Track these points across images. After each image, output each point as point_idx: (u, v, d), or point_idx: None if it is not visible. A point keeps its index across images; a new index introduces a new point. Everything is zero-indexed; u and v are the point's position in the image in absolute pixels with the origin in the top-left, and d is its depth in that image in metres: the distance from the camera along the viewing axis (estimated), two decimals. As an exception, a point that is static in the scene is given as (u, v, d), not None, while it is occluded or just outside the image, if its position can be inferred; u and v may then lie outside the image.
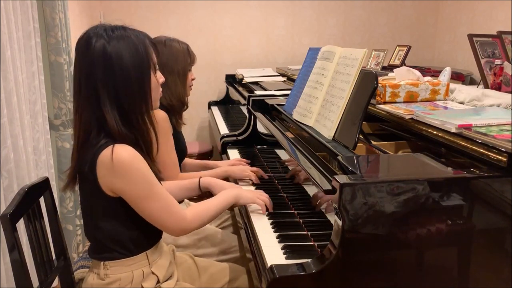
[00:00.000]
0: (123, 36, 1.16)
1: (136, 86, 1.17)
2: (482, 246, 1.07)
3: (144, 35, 1.22)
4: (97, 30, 1.16)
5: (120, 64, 1.14)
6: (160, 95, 1.30)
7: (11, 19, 1.99)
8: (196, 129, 3.95)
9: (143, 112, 1.20)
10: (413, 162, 1.16)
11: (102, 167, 1.14)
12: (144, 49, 1.18)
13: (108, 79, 1.14)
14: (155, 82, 1.24)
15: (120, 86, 1.15)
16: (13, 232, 1.21)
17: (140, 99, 1.19)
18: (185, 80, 1.84)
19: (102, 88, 1.14)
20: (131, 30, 1.20)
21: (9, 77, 1.93)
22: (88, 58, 1.14)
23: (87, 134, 1.18)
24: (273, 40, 3.87)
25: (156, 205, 1.19)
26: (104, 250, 1.25)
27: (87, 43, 1.14)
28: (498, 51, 1.84)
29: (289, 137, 1.69)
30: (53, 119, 2.45)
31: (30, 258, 1.49)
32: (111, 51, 1.13)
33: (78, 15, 3.14)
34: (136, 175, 1.15)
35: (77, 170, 1.21)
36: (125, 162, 1.13)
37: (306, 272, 1.02)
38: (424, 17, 3.96)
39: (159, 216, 1.21)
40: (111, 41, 1.14)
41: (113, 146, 1.13)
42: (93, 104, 1.16)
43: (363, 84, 1.38)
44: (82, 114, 1.17)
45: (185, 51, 1.82)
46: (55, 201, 1.54)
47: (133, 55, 1.15)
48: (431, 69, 3.10)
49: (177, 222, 1.24)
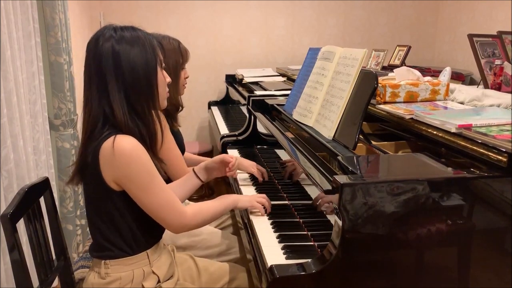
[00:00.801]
0: (132, 34, 1.22)
1: (144, 81, 1.22)
2: (482, 246, 1.07)
3: (151, 35, 1.28)
4: (106, 30, 1.21)
5: (128, 61, 1.19)
6: (167, 95, 1.33)
7: (11, 19, 1.99)
8: (196, 129, 3.95)
9: (150, 106, 1.25)
10: (413, 162, 1.16)
11: (104, 156, 1.16)
12: (151, 46, 1.24)
13: (117, 75, 1.19)
14: (162, 79, 1.28)
15: (128, 82, 1.20)
16: (13, 232, 1.22)
17: (147, 94, 1.23)
18: (177, 81, 1.77)
19: (111, 83, 1.19)
20: (140, 30, 1.25)
21: (9, 77, 1.93)
22: (97, 56, 1.19)
23: (93, 127, 1.21)
24: (273, 40, 3.87)
25: (157, 198, 1.20)
26: (105, 249, 1.26)
27: (97, 41, 1.20)
28: (498, 51, 1.84)
29: (289, 137, 1.69)
30: (53, 119, 2.45)
31: (30, 258, 1.49)
32: (119, 49, 1.19)
33: (78, 15, 3.14)
34: (137, 165, 1.17)
35: (82, 163, 1.23)
36: (126, 151, 1.15)
37: (306, 272, 1.02)
38: (424, 17, 3.96)
39: (160, 210, 1.22)
40: (120, 38, 1.20)
41: (115, 136, 1.16)
42: (102, 97, 1.20)
43: (363, 84, 1.38)
44: (91, 106, 1.21)
45: (176, 50, 1.76)
46: (55, 201, 1.54)
47: (141, 52, 1.21)
48: (431, 69, 3.10)
49: (178, 217, 1.25)
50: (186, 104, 3.67)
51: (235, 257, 1.70)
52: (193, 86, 3.82)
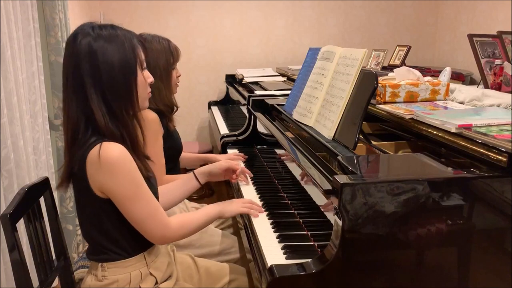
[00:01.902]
0: (110, 33, 1.17)
1: (122, 82, 1.17)
2: (482, 246, 1.07)
3: (132, 34, 1.22)
4: (85, 28, 1.17)
5: (105, 60, 1.14)
6: (149, 95, 1.28)
7: (11, 19, 1.99)
8: (196, 129, 3.95)
9: (128, 108, 1.19)
10: (413, 162, 1.16)
11: (91, 166, 1.13)
12: (130, 46, 1.18)
13: (94, 74, 1.14)
14: (142, 80, 1.22)
15: (105, 82, 1.15)
16: (13, 232, 1.21)
17: (126, 95, 1.18)
18: (169, 81, 1.75)
19: (88, 83, 1.14)
20: (119, 29, 1.20)
21: (9, 77, 1.93)
22: (74, 53, 1.15)
23: (75, 130, 1.17)
24: (273, 40, 3.87)
25: (140, 208, 1.17)
26: (101, 251, 1.25)
27: (74, 39, 1.15)
28: (498, 51, 1.84)
29: (289, 137, 1.69)
30: (53, 119, 2.45)
31: (30, 258, 1.49)
32: (96, 47, 1.14)
33: (78, 15, 3.14)
34: (123, 174, 1.13)
35: (68, 172, 1.21)
36: (112, 160, 1.12)
37: (306, 272, 1.02)
38: (424, 17, 3.96)
39: (143, 220, 1.19)
40: (97, 37, 1.15)
41: (101, 144, 1.12)
42: (80, 99, 1.15)
43: (363, 84, 1.38)
44: (69, 109, 1.17)
45: (167, 50, 1.71)
46: (55, 201, 1.54)
47: (119, 51, 1.16)
48: (431, 69, 3.10)
49: (160, 228, 1.21)
50: (186, 104, 3.71)
51: (235, 257, 1.70)
52: (193, 86, 3.82)
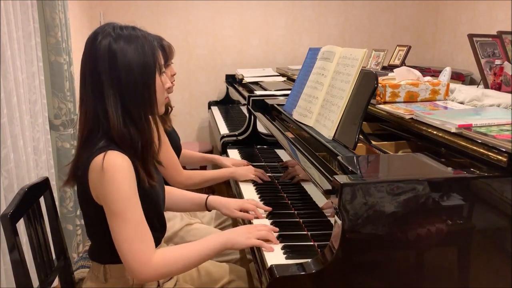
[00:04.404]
0: (131, 34, 1.16)
1: (140, 85, 1.16)
2: (482, 246, 1.07)
3: (153, 36, 1.22)
4: (106, 28, 1.16)
5: (124, 61, 1.13)
6: (166, 100, 1.27)
7: (11, 19, 1.99)
8: (196, 129, 3.95)
9: (146, 112, 1.18)
10: (413, 162, 1.16)
11: (92, 173, 1.12)
12: (150, 49, 1.17)
13: (113, 75, 1.13)
14: (160, 84, 1.21)
15: (124, 83, 1.14)
16: (13, 232, 1.22)
17: (144, 98, 1.17)
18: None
19: (106, 83, 1.13)
20: (141, 31, 1.19)
21: (9, 77, 1.93)
22: (93, 53, 1.14)
23: (90, 128, 1.16)
24: (273, 40, 3.87)
25: (125, 229, 1.09)
26: (103, 253, 1.24)
27: (94, 39, 1.15)
28: (498, 51, 1.84)
29: (289, 137, 1.69)
30: (53, 119, 2.45)
31: (30, 258, 1.49)
32: (116, 48, 1.13)
33: (78, 15, 3.14)
34: (117, 186, 1.09)
35: (75, 171, 1.20)
36: (110, 169, 1.09)
37: (306, 272, 1.02)
38: (424, 17, 3.96)
39: (121, 244, 1.10)
40: (117, 38, 1.14)
41: (106, 153, 1.10)
42: (97, 99, 1.14)
43: (363, 84, 1.38)
44: (87, 108, 1.16)
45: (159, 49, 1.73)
46: (55, 201, 1.54)
47: (138, 54, 1.15)
48: (431, 69, 3.10)
49: (137, 262, 1.10)
50: (186, 104, 3.71)
51: (235, 258, 1.70)
52: (193, 86, 3.82)
